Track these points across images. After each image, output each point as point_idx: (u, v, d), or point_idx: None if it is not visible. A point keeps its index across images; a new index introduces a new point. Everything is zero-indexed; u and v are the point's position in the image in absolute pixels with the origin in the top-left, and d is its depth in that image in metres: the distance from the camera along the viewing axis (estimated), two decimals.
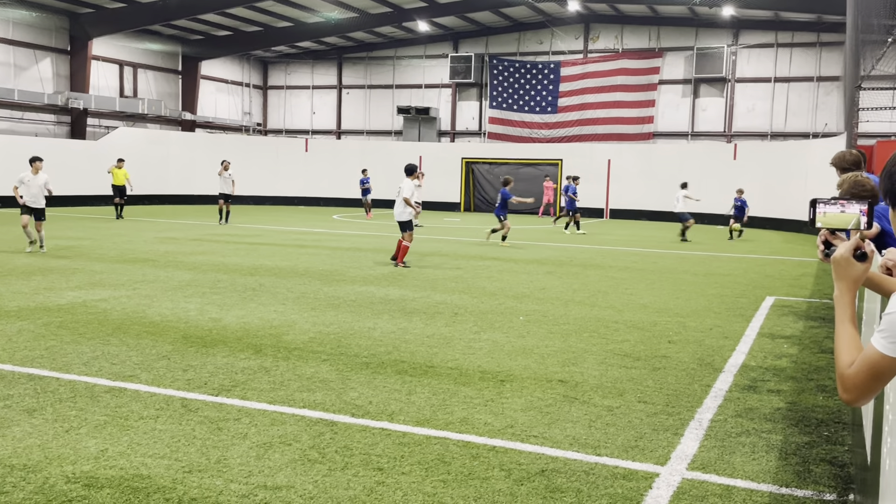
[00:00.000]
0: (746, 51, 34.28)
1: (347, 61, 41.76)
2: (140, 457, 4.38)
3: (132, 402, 5.39)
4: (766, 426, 5.27)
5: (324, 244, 17.53)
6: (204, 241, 17.56)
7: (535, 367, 6.71)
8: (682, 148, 33.02)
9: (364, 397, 5.65)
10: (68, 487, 3.92)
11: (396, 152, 36.23)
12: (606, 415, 5.41)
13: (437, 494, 3.97)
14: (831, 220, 2.14)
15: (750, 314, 9.78)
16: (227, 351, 7.00)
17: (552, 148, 34.66)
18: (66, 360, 6.52)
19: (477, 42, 38.76)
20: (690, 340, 8.07)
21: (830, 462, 4.66)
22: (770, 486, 4.23)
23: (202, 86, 39.27)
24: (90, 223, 21.86)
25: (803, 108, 33.44)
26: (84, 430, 4.81)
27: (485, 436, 4.88)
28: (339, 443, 4.69)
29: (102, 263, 12.91)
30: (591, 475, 4.29)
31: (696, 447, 4.81)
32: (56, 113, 32.16)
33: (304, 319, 8.56)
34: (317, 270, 12.80)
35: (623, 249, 18.23)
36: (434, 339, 7.75)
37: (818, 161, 25.27)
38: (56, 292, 9.91)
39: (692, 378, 6.50)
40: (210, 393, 5.66)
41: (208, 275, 11.91)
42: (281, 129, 43.31)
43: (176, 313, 8.73)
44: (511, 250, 17.14)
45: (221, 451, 4.50)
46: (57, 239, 16.71)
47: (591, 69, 36.28)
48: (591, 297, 10.71)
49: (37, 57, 31.87)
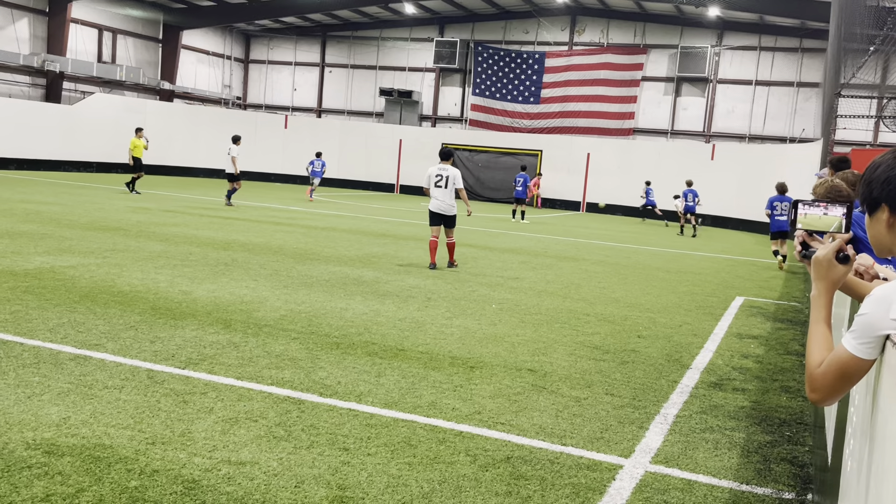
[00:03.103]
0: (730, 52, 34.51)
1: (331, 39, 41.41)
2: (103, 426, 4.32)
3: (97, 371, 5.33)
4: (729, 424, 5.34)
5: (299, 222, 17.42)
6: (177, 212, 17.36)
7: (506, 355, 6.73)
8: (660, 146, 33.21)
9: (333, 377, 5.63)
10: (28, 454, 3.87)
11: (376, 134, 36.06)
12: (574, 405, 5.44)
13: (402, 476, 3.97)
14: (812, 222, 2.16)
15: (719, 313, 9.88)
16: (197, 324, 6.94)
17: (532, 138, 34.69)
18: (30, 325, 6.42)
19: (463, 28, 38.62)
20: (660, 336, 8.14)
21: (791, 462, 4.73)
22: (731, 483, 4.29)
23: (182, 56, 38.74)
24: (62, 189, 21.51)
25: (782, 113, 33.78)
26: (47, 396, 4.74)
27: (452, 421, 4.89)
28: (306, 421, 4.67)
29: (72, 230, 12.72)
30: (556, 464, 4.32)
31: (660, 441, 4.86)
32: (31, 75, 31.55)
33: (276, 297, 8.51)
34: (291, 248, 12.71)
35: (598, 243, 18.34)
36: (406, 322, 7.74)
37: (794, 165, 25.57)
38: (24, 257, 9.74)
39: (660, 373, 6.56)
40: (177, 366, 5.61)
41: (180, 247, 11.78)
42: (261, 105, 42.89)
43: (146, 284, 8.63)
44: (487, 237, 17.17)
45: (186, 425, 4.46)
46: (27, 203, 16.43)
47: (575, 62, 36.32)
48: (564, 289, 10.76)
49: (14, 16, 31.21)
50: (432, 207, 11.87)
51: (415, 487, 3.86)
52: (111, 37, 35.51)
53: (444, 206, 11.78)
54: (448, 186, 11.77)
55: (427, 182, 11.97)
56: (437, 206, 11.81)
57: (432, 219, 11.91)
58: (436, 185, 11.83)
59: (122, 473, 3.74)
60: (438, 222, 11.86)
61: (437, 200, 11.81)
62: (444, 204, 11.78)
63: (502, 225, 21.62)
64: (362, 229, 16.82)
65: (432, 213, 11.88)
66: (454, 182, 11.77)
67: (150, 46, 37.65)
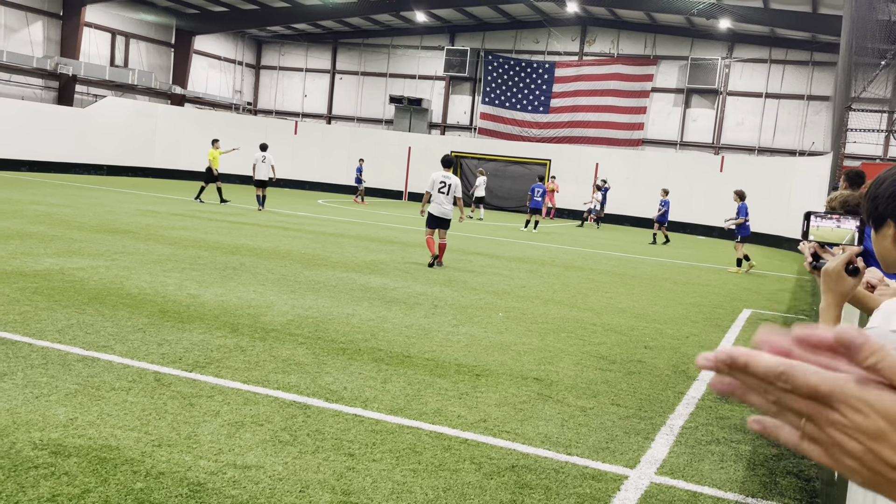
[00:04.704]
0: (740, 64, 34.49)
1: (342, 46, 41.57)
2: (110, 427, 4.34)
3: (104, 373, 5.35)
4: (735, 436, 5.32)
5: (307, 228, 17.46)
6: (186, 216, 17.43)
7: (512, 363, 6.73)
8: (669, 157, 33.18)
9: (339, 383, 5.63)
10: (35, 454, 3.88)
11: (386, 141, 36.14)
12: (579, 415, 5.43)
13: (407, 483, 3.97)
14: (825, 233, 2.16)
15: (727, 325, 9.86)
16: (204, 328, 6.96)
17: (541, 148, 34.69)
18: (39, 326, 6.45)
19: (473, 37, 38.72)
20: (666, 347, 8.12)
21: (797, 475, 4.71)
22: (736, 496, 4.27)
23: (194, 60, 38.94)
24: (72, 191, 21.62)
25: (792, 126, 33.72)
26: (54, 397, 4.76)
27: (457, 428, 4.89)
28: (312, 426, 4.68)
29: (82, 232, 12.78)
30: (561, 474, 4.31)
31: (665, 452, 4.84)
32: (44, 77, 31.76)
33: (283, 301, 8.53)
34: (298, 253, 12.74)
35: (605, 253, 18.31)
36: (412, 329, 7.74)
37: (803, 178, 25.51)
38: (33, 258, 9.80)
39: (666, 384, 6.55)
40: (184, 368, 5.63)
41: (189, 250, 11.83)
42: (271, 110, 43.05)
43: (154, 287, 8.66)
44: (495, 246, 17.17)
45: (192, 427, 4.47)
46: (37, 205, 16.53)
47: (585, 72, 36.36)
48: (571, 298, 10.75)
49: (28, 19, 31.45)
50: (432, 211, 12.73)
51: (419, 494, 3.86)
52: (124, 41, 35.74)
53: (444, 211, 12.70)
54: (450, 193, 12.74)
55: (430, 187, 12.82)
56: (437, 211, 12.70)
57: (430, 221, 12.77)
58: (438, 191, 12.73)
59: (128, 475, 3.75)
60: (435, 225, 12.73)
61: (437, 205, 12.70)
62: (443, 209, 12.68)
63: (510, 234, 21.62)
64: (370, 236, 16.84)
65: (431, 216, 12.74)
66: (455, 191, 12.76)
67: (163, 51, 37.88)
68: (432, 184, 12.79)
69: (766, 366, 0.62)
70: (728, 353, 0.63)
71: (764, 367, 0.62)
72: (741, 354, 0.63)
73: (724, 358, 0.64)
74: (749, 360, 0.62)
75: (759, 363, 0.62)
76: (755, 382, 0.63)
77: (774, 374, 0.61)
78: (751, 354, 0.63)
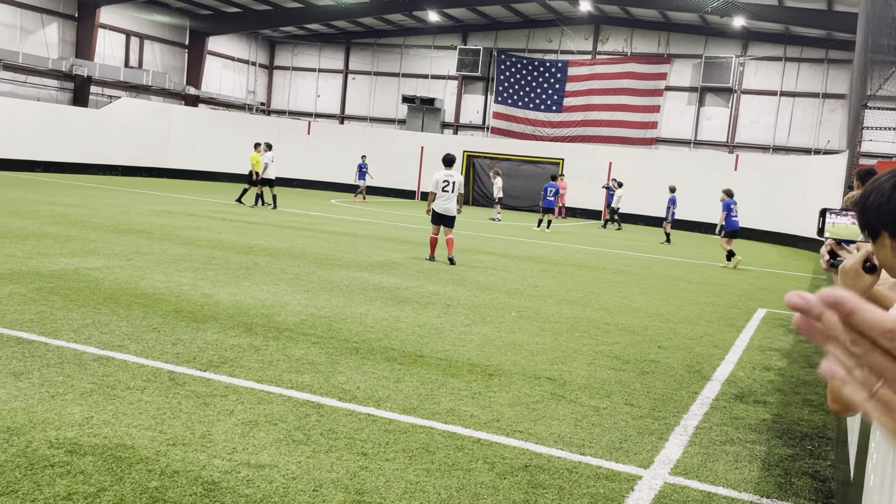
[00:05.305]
0: (754, 63, 34.29)
1: (355, 46, 41.64)
2: (125, 426, 4.37)
3: (120, 372, 5.38)
4: (750, 436, 5.29)
5: (320, 227, 17.51)
6: (200, 216, 17.52)
7: (525, 363, 6.72)
8: (683, 155, 33.02)
9: (352, 382, 5.64)
10: (51, 452, 3.91)
11: (399, 140, 36.16)
12: (593, 415, 5.41)
13: (420, 483, 3.97)
14: (840, 231, 2.14)
15: (741, 325, 9.80)
16: (218, 327, 6.99)
17: (554, 147, 34.61)
18: (55, 325, 6.50)
19: (486, 36, 38.68)
20: (680, 347, 8.08)
21: (812, 476, 4.68)
22: (751, 496, 4.25)
23: (208, 61, 39.13)
24: (87, 191, 21.78)
25: (807, 124, 33.48)
26: (70, 396, 4.79)
27: (470, 428, 4.89)
28: (325, 425, 4.69)
29: (97, 232, 12.87)
30: (574, 474, 4.30)
31: (679, 452, 4.82)
32: (59, 79, 32.01)
33: (297, 301, 8.55)
34: (312, 253, 12.78)
35: (618, 252, 18.25)
36: (425, 328, 7.75)
37: (819, 177, 25.33)
38: (49, 258, 9.87)
39: (680, 384, 6.52)
40: (198, 368, 5.65)
41: (203, 250, 11.88)
42: (284, 111, 43.18)
43: (168, 286, 8.71)
44: (507, 245, 17.15)
45: (206, 427, 4.49)
46: (52, 205, 16.66)
47: (598, 71, 36.25)
48: (584, 298, 10.72)
49: (43, 21, 31.70)
50: (437, 209, 13.25)
51: (432, 494, 3.86)
52: (138, 42, 35.95)
53: (447, 208, 13.21)
54: (454, 191, 13.25)
55: (434, 187, 13.31)
56: (441, 208, 13.21)
57: (435, 218, 13.31)
58: (443, 190, 13.23)
59: (143, 474, 3.78)
60: (440, 222, 13.27)
61: (442, 202, 13.21)
62: (448, 206, 13.20)
63: (523, 233, 21.59)
64: (383, 235, 16.87)
65: (436, 213, 13.26)
66: (458, 188, 13.30)
67: (176, 52, 38.08)
68: (436, 184, 13.28)
69: (873, 319, 0.59)
70: (835, 297, 0.60)
71: (871, 319, 0.59)
72: (849, 301, 0.60)
73: (831, 300, 0.60)
74: (857, 309, 0.60)
75: (867, 315, 0.59)
76: (842, 332, 0.60)
77: (880, 329, 0.59)
78: (860, 303, 0.60)
